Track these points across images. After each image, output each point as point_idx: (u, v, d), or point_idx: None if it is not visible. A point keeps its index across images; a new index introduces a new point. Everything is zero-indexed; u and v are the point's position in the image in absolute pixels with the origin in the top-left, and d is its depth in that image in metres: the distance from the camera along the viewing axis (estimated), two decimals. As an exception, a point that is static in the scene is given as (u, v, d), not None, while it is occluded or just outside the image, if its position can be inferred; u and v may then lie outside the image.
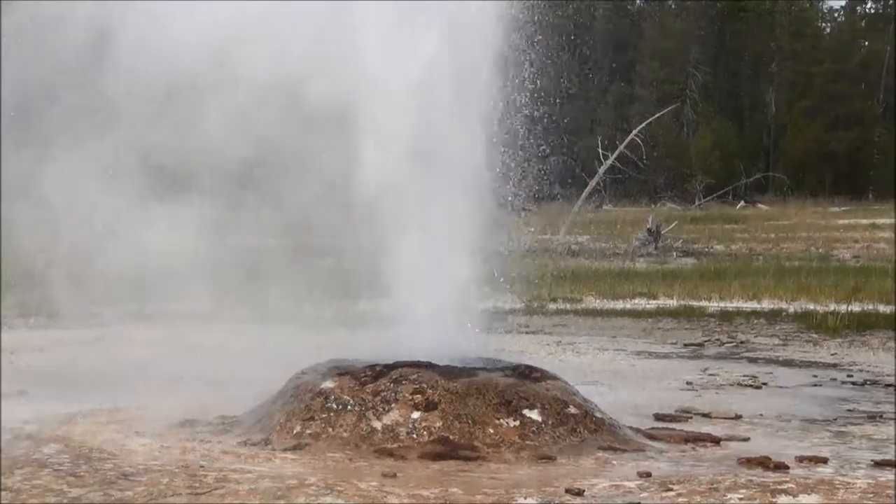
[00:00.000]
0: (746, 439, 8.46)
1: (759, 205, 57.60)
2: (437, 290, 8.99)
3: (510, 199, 9.73)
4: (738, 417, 9.47)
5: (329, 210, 9.35)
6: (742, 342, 15.15)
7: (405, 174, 9.05)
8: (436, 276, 9.02)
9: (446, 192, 9.11)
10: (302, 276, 10.04)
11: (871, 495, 6.66)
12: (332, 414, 7.92)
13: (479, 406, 7.86)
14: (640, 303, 19.64)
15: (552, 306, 18.49)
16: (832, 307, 17.68)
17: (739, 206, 57.01)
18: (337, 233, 9.49)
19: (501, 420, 7.82)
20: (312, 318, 11.38)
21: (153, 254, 11.42)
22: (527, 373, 8.41)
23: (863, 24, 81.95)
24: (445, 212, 9.11)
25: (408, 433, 7.71)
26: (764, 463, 7.37)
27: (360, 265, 9.17)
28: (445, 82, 9.10)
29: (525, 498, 6.45)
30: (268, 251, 11.06)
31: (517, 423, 7.84)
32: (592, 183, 38.81)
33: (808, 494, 6.63)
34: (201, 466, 7.03)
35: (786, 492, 6.64)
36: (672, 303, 19.33)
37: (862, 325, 15.87)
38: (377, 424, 7.79)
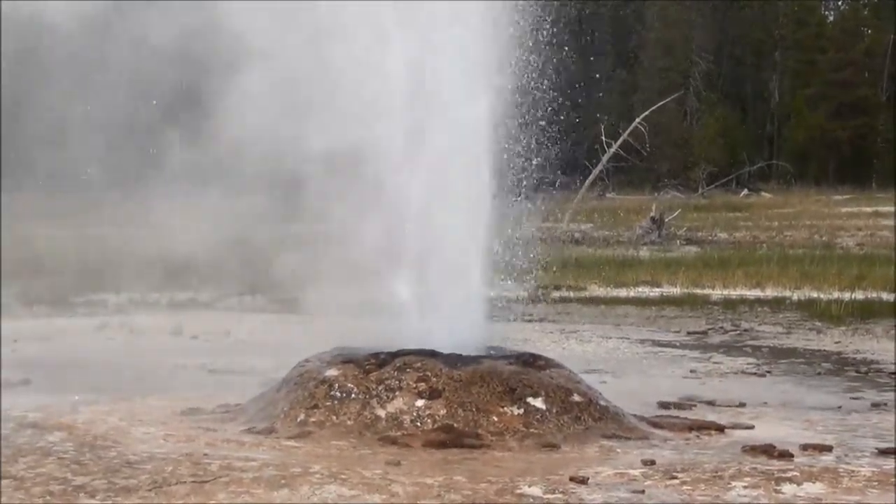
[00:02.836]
0: (751, 427, 8.45)
1: (763, 193, 57.52)
2: (441, 279, 8.98)
3: (514, 186, 9.71)
4: (742, 405, 9.47)
5: (332, 197, 9.34)
6: (746, 330, 15.16)
7: (409, 160, 9.04)
8: (439, 264, 9.02)
9: (450, 179, 9.10)
10: (305, 264, 10.03)
11: (876, 483, 6.65)
12: (336, 402, 7.91)
13: (483, 394, 7.85)
14: (644, 291, 19.64)
15: (556, 294, 18.47)
16: (836, 295, 17.69)
17: (743, 194, 56.93)
18: (340, 220, 9.46)
19: (505, 408, 7.81)
20: (315, 306, 11.39)
21: (155, 242, 11.45)
22: (531, 361, 8.40)
23: (866, 12, 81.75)
24: (449, 199, 9.10)
25: (412, 421, 7.70)
26: (768, 451, 7.36)
27: (364, 253, 9.14)
28: (449, 64, 9.09)
29: (529, 486, 6.44)
30: (270, 239, 11.06)
31: (521, 411, 7.83)
32: (596, 171, 38.80)
33: (813, 482, 6.62)
34: (205, 454, 7.02)
35: (790, 480, 6.64)
36: (676, 291, 19.34)
37: (866, 313, 15.87)
38: (381, 412, 7.78)
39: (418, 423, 7.69)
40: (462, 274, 9.09)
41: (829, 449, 7.57)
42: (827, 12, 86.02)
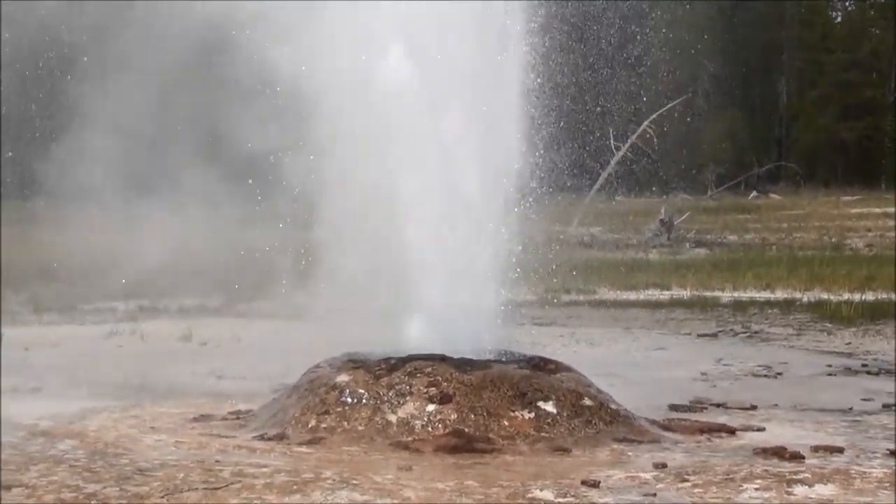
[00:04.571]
0: (762, 429, 8.44)
1: (772, 195, 57.38)
2: (450, 283, 8.98)
3: (523, 190, 9.70)
4: (753, 407, 9.46)
5: (340, 202, 9.34)
6: (756, 332, 15.13)
7: (413, 163, 9.03)
8: (448, 268, 9.01)
9: (458, 183, 9.09)
10: (313, 270, 10.04)
11: (888, 484, 6.64)
12: (347, 407, 7.91)
13: (493, 398, 7.85)
14: (654, 294, 19.62)
15: (565, 298, 18.46)
16: (846, 296, 17.67)
17: (752, 196, 56.79)
18: (348, 225, 9.47)
19: (516, 412, 7.81)
20: (325, 311, 11.39)
21: (165, 248, 11.46)
22: (541, 365, 8.40)
23: (872, 13, 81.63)
24: (457, 204, 9.09)
25: (423, 426, 7.71)
26: (779, 453, 7.36)
27: (373, 259, 9.14)
28: (456, 72, 9.08)
29: (541, 490, 6.44)
30: (278, 245, 11.07)
31: (532, 415, 7.83)
32: (605, 174, 38.75)
33: (824, 484, 6.61)
34: (217, 461, 7.03)
35: (802, 481, 6.63)
36: (685, 293, 19.31)
37: (876, 313, 15.84)
38: (392, 418, 7.78)
39: (429, 428, 7.69)
40: (471, 278, 9.09)
41: (840, 450, 7.56)
42: (833, 13, 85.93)
